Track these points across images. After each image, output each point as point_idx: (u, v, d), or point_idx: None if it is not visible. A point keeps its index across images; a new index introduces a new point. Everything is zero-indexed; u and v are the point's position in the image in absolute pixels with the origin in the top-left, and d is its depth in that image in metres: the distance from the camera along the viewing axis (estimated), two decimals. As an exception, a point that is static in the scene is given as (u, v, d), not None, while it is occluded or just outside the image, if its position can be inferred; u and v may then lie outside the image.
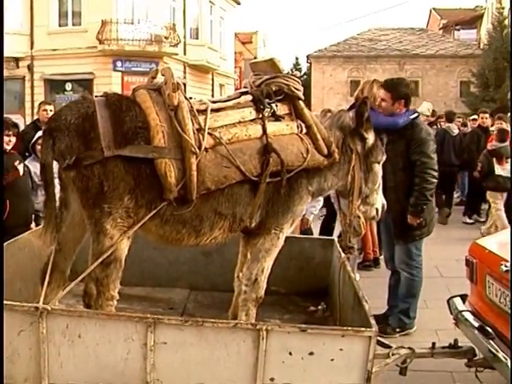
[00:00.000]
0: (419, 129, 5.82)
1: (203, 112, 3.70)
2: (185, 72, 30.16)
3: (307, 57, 44.09)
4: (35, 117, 10.62)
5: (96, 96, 3.69)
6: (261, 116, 3.87)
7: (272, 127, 3.87)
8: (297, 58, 58.62)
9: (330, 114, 4.34)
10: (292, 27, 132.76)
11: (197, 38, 31.16)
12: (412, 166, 5.79)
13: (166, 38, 27.40)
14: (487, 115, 12.62)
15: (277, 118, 3.95)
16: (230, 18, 36.36)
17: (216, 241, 3.88)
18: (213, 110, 3.75)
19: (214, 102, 3.87)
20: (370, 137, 4.23)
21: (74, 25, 27.59)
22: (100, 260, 3.50)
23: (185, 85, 29.79)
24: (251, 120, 3.85)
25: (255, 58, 38.56)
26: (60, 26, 27.64)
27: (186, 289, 5.30)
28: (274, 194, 3.85)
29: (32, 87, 27.35)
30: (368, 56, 41.68)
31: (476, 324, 4.49)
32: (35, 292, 4.02)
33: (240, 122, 3.80)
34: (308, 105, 4.14)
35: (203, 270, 5.31)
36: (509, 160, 10.68)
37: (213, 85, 33.71)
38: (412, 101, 6.13)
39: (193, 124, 3.60)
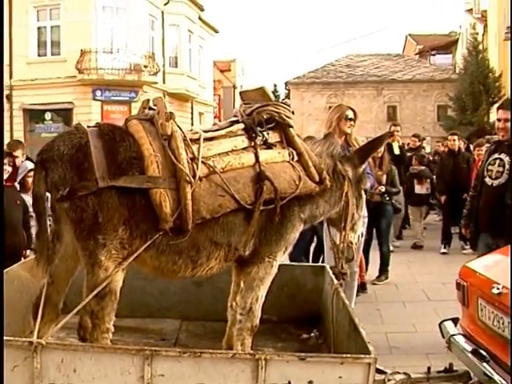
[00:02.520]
0: None
1: (196, 141, 3.70)
2: (164, 100, 30.15)
3: (286, 83, 44.49)
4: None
5: (88, 126, 3.67)
6: (253, 144, 3.88)
7: (264, 155, 3.88)
8: (275, 85, 59.03)
9: (314, 140, 4.37)
10: (270, 55, 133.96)
11: (176, 67, 31.24)
12: None
13: (145, 66, 27.43)
14: (455, 137, 12.57)
15: (269, 145, 3.96)
16: (209, 47, 36.60)
17: (212, 271, 3.85)
18: (205, 139, 3.75)
19: (206, 132, 3.87)
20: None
21: (53, 54, 27.49)
22: (95, 292, 3.46)
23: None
24: (244, 148, 3.86)
25: (234, 86, 38.90)
26: (39, 55, 27.57)
27: (178, 319, 5.23)
28: (267, 222, 3.84)
29: (11, 117, 27.14)
30: (346, 82, 42.21)
31: (470, 347, 4.48)
32: (24, 326, 3.96)
33: (233, 151, 3.80)
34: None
35: (194, 300, 5.25)
36: (428, 180, 12.80)
37: (192, 113, 33.79)
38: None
39: (187, 153, 3.59)
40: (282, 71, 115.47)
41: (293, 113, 4.17)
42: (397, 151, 12.31)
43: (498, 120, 6.04)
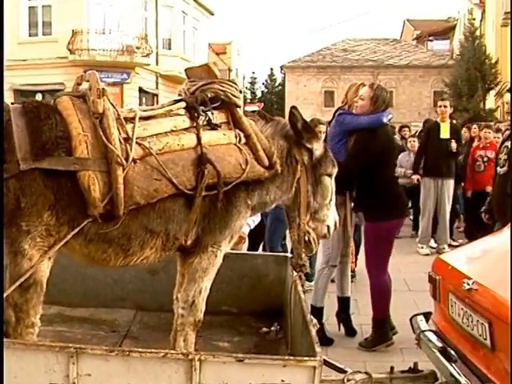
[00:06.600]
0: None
1: (131, 120, 3.40)
2: (157, 82, 29.98)
3: (281, 67, 44.20)
4: None
5: (12, 103, 3.38)
6: (195, 124, 3.58)
7: (207, 136, 3.58)
8: (271, 69, 58.47)
9: (272, 121, 4.04)
10: (267, 38, 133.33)
11: (169, 49, 31.05)
12: None
13: (137, 48, 27.28)
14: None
15: (213, 126, 3.66)
16: (204, 29, 36.34)
17: (148, 261, 3.58)
18: (142, 118, 3.44)
19: (145, 110, 3.57)
20: (317, 147, 3.94)
21: (44, 34, 27.45)
22: (18, 283, 3.17)
23: (157, 95, 29.63)
24: (184, 129, 3.55)
25: (229, 68, 38.62)
26: (30, 35, 27.47)
27: (132, 309, 4.97)
28: (210, 208, 3.56)
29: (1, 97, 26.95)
30: (342, 66, 41.97)
31: (438, 345, 4.22)
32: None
33: (172, 131, 3.50)
34: (282, 115, 3.86)
35: (150, 289, 4.98)
36: None
37: (186, 95, 33.53)
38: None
39: (119, 133, 3.29)
40: (279, 54, 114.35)
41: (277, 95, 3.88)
42: (444, 134, 9.85)
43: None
